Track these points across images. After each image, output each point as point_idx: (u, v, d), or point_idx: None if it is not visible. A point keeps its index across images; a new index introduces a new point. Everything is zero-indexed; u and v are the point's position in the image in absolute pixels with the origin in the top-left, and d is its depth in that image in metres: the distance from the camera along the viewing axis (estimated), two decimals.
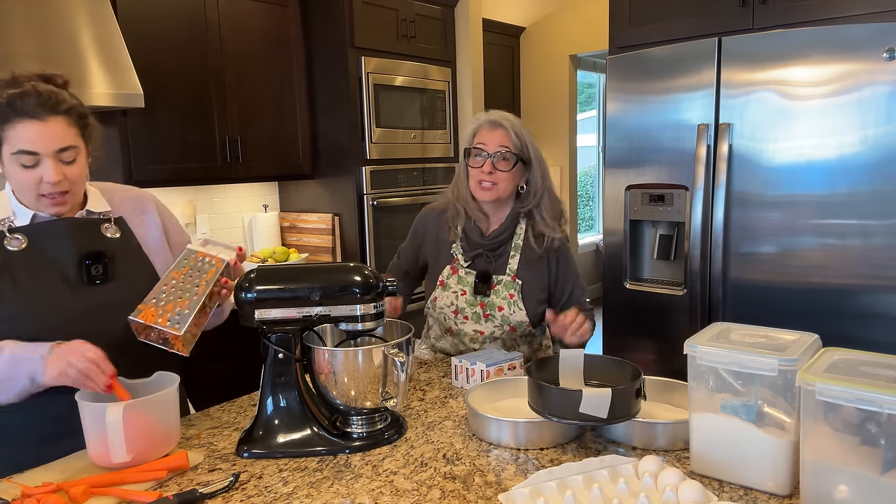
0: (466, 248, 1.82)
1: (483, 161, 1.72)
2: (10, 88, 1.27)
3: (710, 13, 2.53)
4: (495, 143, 1.71)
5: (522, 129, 1.75)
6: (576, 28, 4.64)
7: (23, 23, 2.29)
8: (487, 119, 1.75)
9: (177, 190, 3.15)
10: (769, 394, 1.09)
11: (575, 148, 4.91)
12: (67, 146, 1.29)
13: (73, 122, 1.31)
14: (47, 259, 1.33)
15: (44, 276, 1.32)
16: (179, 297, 1.30)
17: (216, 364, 2.66)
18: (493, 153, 1.71)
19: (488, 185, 1.72)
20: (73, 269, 1.35)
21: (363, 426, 1.35)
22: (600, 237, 5.71)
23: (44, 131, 1.26)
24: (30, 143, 1.25)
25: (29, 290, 1.30)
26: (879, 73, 2.03)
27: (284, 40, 3.23)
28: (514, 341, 1.83)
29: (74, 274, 1.35)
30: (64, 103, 1.30)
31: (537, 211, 1.78)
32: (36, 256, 1.32)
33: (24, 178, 1.28)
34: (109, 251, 1.39)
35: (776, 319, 1.78)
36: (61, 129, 1.28)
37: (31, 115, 1.25)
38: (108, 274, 1.38)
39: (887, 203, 2.05)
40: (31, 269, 1.31)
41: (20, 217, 1.34)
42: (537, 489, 1.07)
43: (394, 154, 3.42)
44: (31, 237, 1.33)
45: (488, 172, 1.71)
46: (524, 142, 1.74)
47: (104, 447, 1.18)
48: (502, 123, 1.72)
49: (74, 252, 1.35)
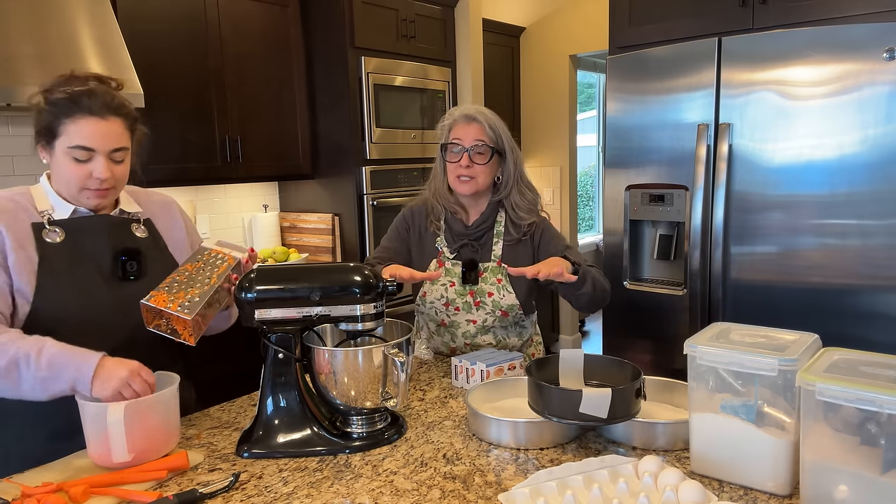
0: (450, 240, 1.83)
1: (460, 155, 1.74)
2: (73, 85, 1.32)
3: (710, 13, 2.53)
4: (471, 137, 1.73)
5: (497, 121, 1.77)
6: (576, 28, 4.63)
7: (23, 23, 2.29)
8: (462, 113, 1.77)
9: (177, 190, 3.15)
10: (769, 394, 1.08)
11: (575, 148, 4.90)
12: (121, 147, 1.36)
13: (128, 126, 1.39)
14: (84, 253, 1.38)
15: (80, 269, 1.37)
16: (191, 286, 1.33)
17: (216, 364, 2.65)
18: (470, 147, 1.73)
19: (466, 179, 1.75)
20: (108, 264, 1.40)
21: (363, 426, 1.35)
22: (600, 237, 5.71)
23: (103, 130, 1.32)
24: (88, 140, 1.31)
25: (66, 282, 1.34)
26: (879, 73, 2.03)
27: (284, 40, 3.23)
28: (506, 330, 1.84)
29: (109, 269, 1.40)
30: (124, 106, 1.38)
31: (507, 201, 1.81)
32: (73, 250, 1.37)
33: (75, 171, 1.33)
34: (142, 249, 1.45)
35: (776, 319, 1.78)
36: (119, 129, 1.36)
37: (93, 113, 1.31)
38: (141, 271, 1.44)
39: (887, 203, 2.05)
40: (68, 261, 1.36)
41: (59, 211, 1.38)
42: (537, 489, 1.07)
43: (394, 154, 3.42)
44: (68, 231, 1.38)
45: (465, 166, 1.74)
46: (499, 133, 1.76)
47: (105, 447, 1.18)
48: (477, 117, 1.74)
49: (110, 248, 1.41)
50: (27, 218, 1.35)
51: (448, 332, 1.85)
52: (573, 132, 4.87)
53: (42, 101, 1.34)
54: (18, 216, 1.34)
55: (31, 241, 1.34)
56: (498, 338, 1.84)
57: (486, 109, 1.79)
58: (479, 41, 3.84)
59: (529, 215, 1.82)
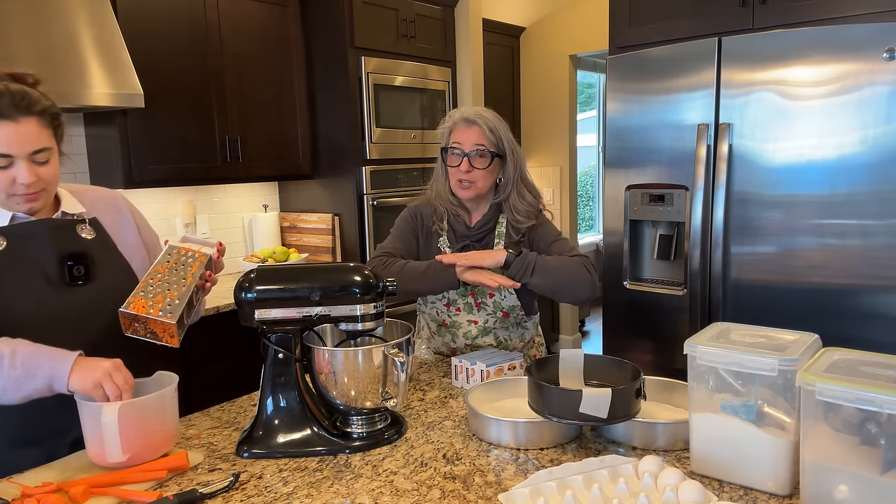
0: (453, 241, 1.83)
1: (460, 160, 1.72)
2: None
3: (710, 13, 2.53)
4: (471, 141, 1.72)
5: (498, 122, 1.74)
6: (576, 28, 4.63)
7: (23, 23, 2.29)
8: (462, 117, 1.74)
9: (177, 190, 3.15)
10: (769, 394, 1.08)
11: (575, 148, 4.90)
12: (41, 148, 1.27)
13: (46, 123, 1.28)
14: (27, 259, 1.32)
15: (25, 277, 1.31)
16: (168, 288, 1.30)
17: (216, 364, 2.66)
18: (470, 152, 1.71)
19: (467, 185, 1.73)
20: (54, 270, 1.34)
21: (363, 426, 1.35)
22: (600, 237, 5.71)
23: (17, 133, 1.23)
24: (3, 146, 1.22)
25: (10, 290, 1.29)
26: (879, 73, 2.03)
27: (284, 40, 3.23)
28: (507, 331, 1.84)
29: (56, 274, 1.34)
30: (37, 104, 1.27)
31: (506, 204, 1.79)
32: (15, 257, 1.31)
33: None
34: (89, 252, 1.39)
35: (776, 319, 1.78)
36: (35, 130, 1.25)
37: (4, 117, 1.22)
38: (90, 274, 1.38)
39: (887, 203, 2.05)
40: (11, 269, 1.30)
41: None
42: (537, 489, 1.07)
43: (394, 154, 3.42)
44: (9, 238, 1.32)
45: (465, 171, 1.72)
46: (499, 136, 1.73)
47: (101, 447, 1.18)
48: (476, 121, 1.72)
49: (55, 252, 1.34)
50: None
51: (449, 333, 1.85)
52: (573, 132, 4.87)
53: None
54: None
55: None
56: (499, 339, 1.84)
57: (487, 111, 1.77)
58: (479, 41, 3.84)
59: (528, 219, 1.78)
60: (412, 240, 1.86)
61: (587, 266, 1.68)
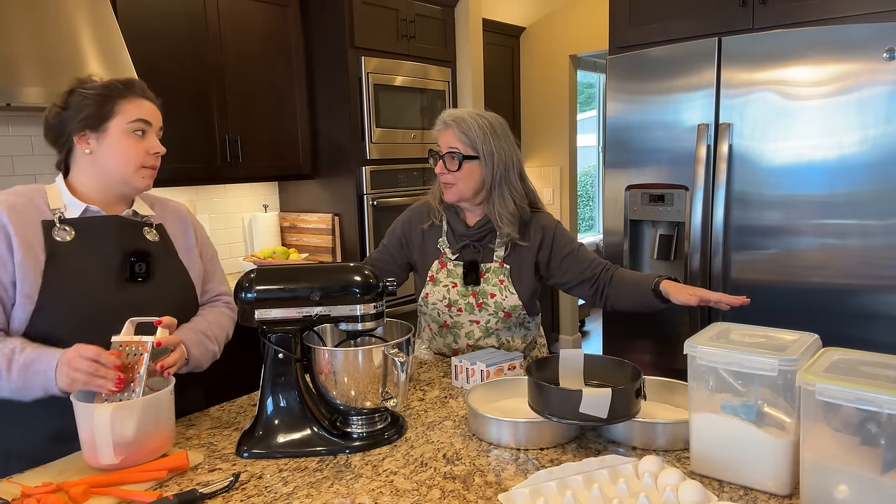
0: (452, 241, 1.83)
1: (436, 163, 1.75)
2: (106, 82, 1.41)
3: (710, 13, 2.53)
4: (445, 144, 1.73)
5: (476, 125, 1.69)
6: (576, 28, 4.63)
7: (23, 23, 2.29)
8: (441, 119, 1.76)
9: (177, 190, 3.15)
10: (769, 394, 1.09)
11: (575, 148, 4.90)
12: (162, 128, 1.48)
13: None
14: (93, 252, 1.38)
15: (88, 268, 1.37)
16: (128, 385, 1.25)
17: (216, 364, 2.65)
18: (444, 154, 1.73)
19: (449, 186, 1.75)
20: (116, 264, 1.40)
21: (363, 426, 1.35)
22: (600, 237, 5.71)
23: (153, 109, 1.45)
24: (148, 115, 1.42)
25: (72, 281, 1.34)
26: (879, 73, 2.03)
27: (284, 40, 3.23)
28: (510, 332, 1.84)
29: (118, 269, 1.40)
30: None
31: (490, 207, 1.76)
32: (82, 249, 1.37)
33: (134, 147, 1.39)
34: (152, 252, 1.45)
35: (776, 319, 1.78)
36: (160, 114, 1.48)
37: (146, 96, 1.43)
38: (150, 273, 1.44)
39: (887, 203, 2.06)
40: (76, 260, 1.36)
41: (70, 209, 1.39)
42: (537, 489, 1.07)
43: (394, 154, 3.42)
44: (79, 230, 1.38)
45: (440, 173, 1.75)
46: (474, 138, 1.70)
47: (94, 448, 1.18)
48: (451, 124, 1.73)
49: (120, 248, 1.41)
50: (38, 215, 1.35)
51: (451, 334, 1.85)
52: (573, 132, 4.87)
53: (83, 92, 1.37)
54: (29, 214, 1.34)
55: (39, 239, 1.34)
56: (501, 340, 1.84)
57: (469, 113, 1.73)
58: (479, 41, 3.84)
59: (510, 227, 1.74)
60: (396, 253, 1.90)
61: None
